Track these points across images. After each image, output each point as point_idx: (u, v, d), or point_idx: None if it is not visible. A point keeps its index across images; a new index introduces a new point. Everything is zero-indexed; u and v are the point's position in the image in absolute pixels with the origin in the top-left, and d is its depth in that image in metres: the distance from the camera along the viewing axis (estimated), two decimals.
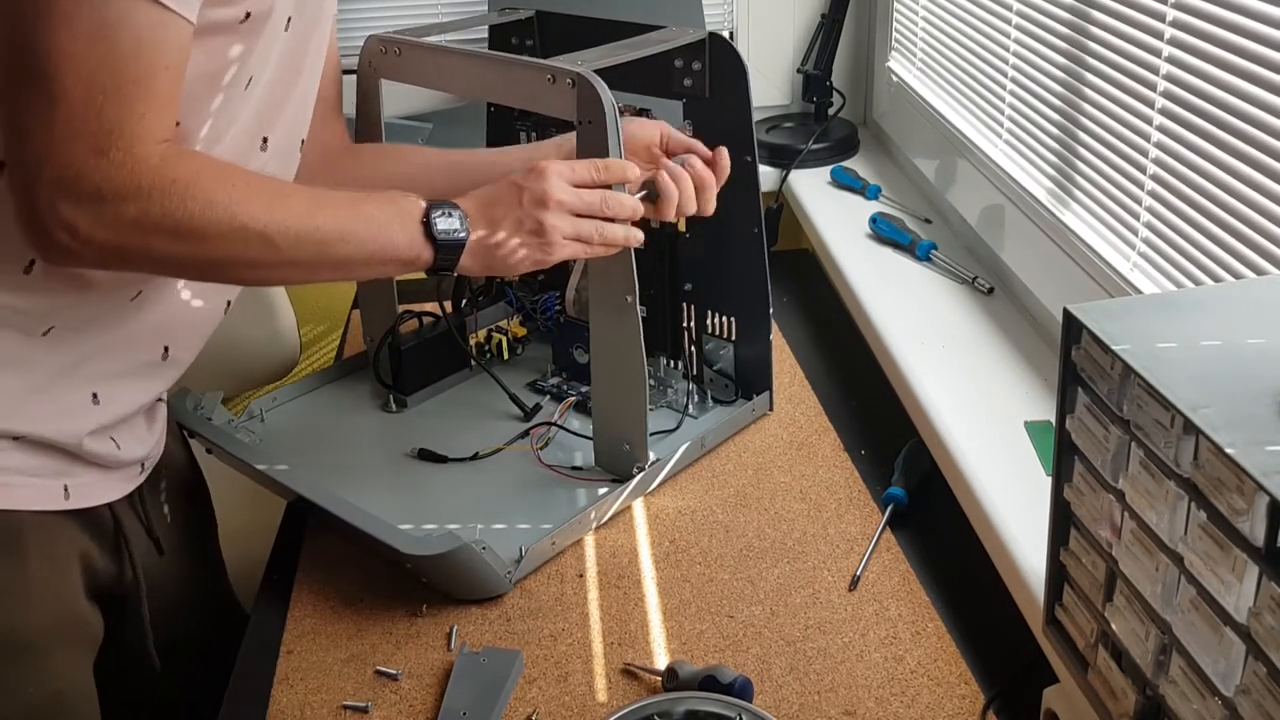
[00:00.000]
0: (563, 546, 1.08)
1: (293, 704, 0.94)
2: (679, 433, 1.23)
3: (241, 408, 1.31)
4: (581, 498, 1.13)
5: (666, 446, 1.18)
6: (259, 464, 1.12)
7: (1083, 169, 1.15)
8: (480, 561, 0.98)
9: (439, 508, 1.12)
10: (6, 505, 0.88)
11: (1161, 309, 0.71)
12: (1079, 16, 1.12)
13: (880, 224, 1.51)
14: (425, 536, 0.99)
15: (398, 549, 0.98)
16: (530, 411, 1.25)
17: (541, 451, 1.20)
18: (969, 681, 0.92)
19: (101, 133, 0.75)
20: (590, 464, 1.17)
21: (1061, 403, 0.72)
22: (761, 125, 1.81)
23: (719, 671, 0.91)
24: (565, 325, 1.31)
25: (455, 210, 0.93)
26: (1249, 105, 0.86)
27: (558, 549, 1.08)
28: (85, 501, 0.94)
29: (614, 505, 1.12)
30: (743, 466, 1.20)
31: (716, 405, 1.28)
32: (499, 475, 1.17)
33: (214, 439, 1.16)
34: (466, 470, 1.18)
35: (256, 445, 1.20)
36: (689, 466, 1.20)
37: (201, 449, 1.20)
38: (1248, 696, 0.58)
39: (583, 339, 1.22)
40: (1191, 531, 0.61)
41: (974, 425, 1.11)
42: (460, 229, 0.92)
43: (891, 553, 1.07)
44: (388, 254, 0.91)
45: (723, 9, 1.80)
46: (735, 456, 1.22)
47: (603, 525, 1.12)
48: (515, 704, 0.93)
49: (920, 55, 1.62)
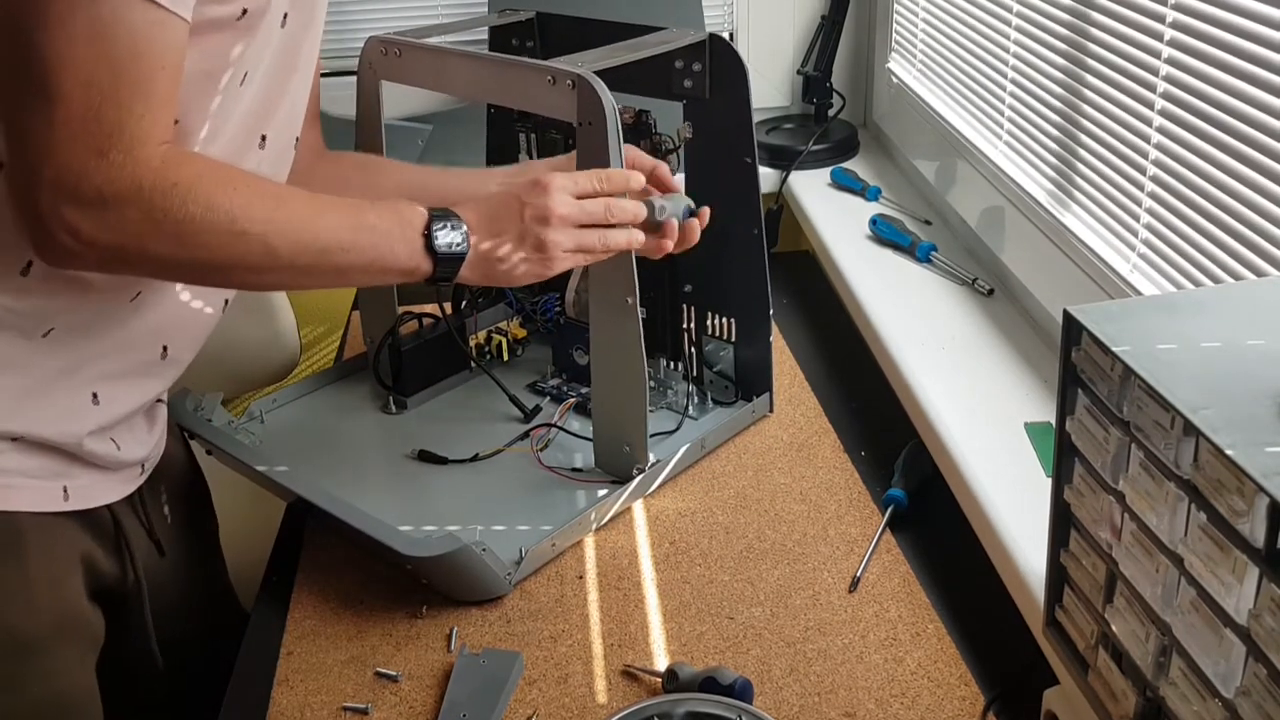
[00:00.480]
0: (563, 548, 1.08)
1: (293, 705, 0.94)
2: (679, 434, 1.23)
3: (241, 409, 1.31)
4: (581, 499, 1.13)
5: (666, 448, 1.18)
6: (259, 465, 1.12)
7: (1083, 170, 1.15)
8: (480, 563, 0.98)
9: (439, 509, 1.12)
10: (6, 507, 0.88)
11: (1161, 310, 0.71)
12: (1079, 18, 1.12)
13: (880, 225, 1.51)
14: (425, 538, 0.99)
15: (398, 550, 0.98)
16: (530, 413, 1.25)
17: (542, 453, 1.20)
18: (969, 683, 0.92)
19: (101, 134, 0.75)
20: (590, 465, 1.17)
21: (1061, 404, 0.72)
22: (761, 127, 1.81)
23: (719, 673, 0.91)
24: (565, 327, 1.31)
25: (458, 223, 0.92)
26: (1248, 106, 0.86)
27: (557, 550, 1.08)
28: (85, 503, 0.94)
29: (614, 507, 1.12)
30: (743, 468, 1.20)
31: (716, 407, 1.28)
32: (499, 476, 1.17)
33: (214, 440, 1.16)
34: (467, 471, 1.18)
35: (256, 446, 1.20)
36: (689, 468, 1.20)
37: (201, 450, 1.20)
38: (1248, 698, 0.58)
39: (583, 341, 1.22)
40: (1191, 533, 0.61)
41: (974, 427, 1.11)
42: (461, 242, 0.92)
43: (891, 554, 1.07)
44: (387, 264, 0.90)
45: (723, 10, 1.80)
46: (735, 458, 1.22)
47: (602, 526, 1.12)
48: (515, 705, 0.93)
49: (920, 57, 1.62)
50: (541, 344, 1.39)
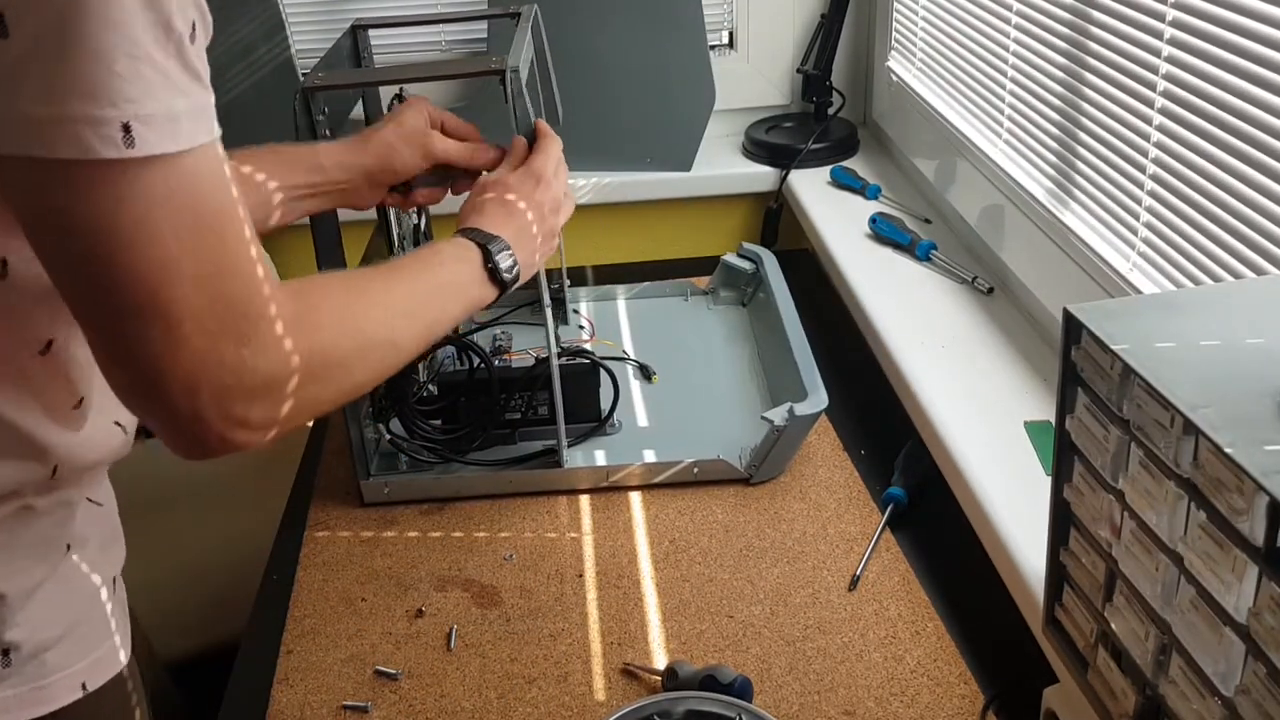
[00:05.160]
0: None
1: (293, 704, 0.94)
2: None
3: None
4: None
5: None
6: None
7: (1082, 169, 1.15)
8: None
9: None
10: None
11: (1161, 309, 0.71)
12: (1079, 17, 1.12)
13: (880, 224, 1.51)
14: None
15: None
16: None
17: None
18: (969, 681, 0.92)
19: (234, 320, 0.63)
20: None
21: (1061, 403, 0.72)
22: (761, 125, 1.81)
23: (719, 671, 0.91)
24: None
25: (502, 243, 0.90)
26: (1248, 105, 0.86)
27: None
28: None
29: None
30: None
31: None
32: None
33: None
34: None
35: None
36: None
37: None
38: (1247, 696, 0.58)
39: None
40: (1191, 531, 0.60)
41: (974, 425, 1.11)
42: (515, 264, 0.91)
43: (891, 552, 1.07)
44: (470, 309, 0.88)
45: (723, 9, 1.80)
46: None
47: (601, 526, 1.12)
48: (515, 704, 0.93)
49: (920, 55, 1.62)
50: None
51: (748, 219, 1.81)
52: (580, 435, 1.23)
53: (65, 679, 0.75)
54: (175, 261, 0.60)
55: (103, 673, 0.78)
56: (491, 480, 1.19)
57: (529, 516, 1.16)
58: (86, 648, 0.77)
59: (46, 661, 0.74)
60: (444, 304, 0.84)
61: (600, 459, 1.20)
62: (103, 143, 0.55)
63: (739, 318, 1.49)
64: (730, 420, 1.25)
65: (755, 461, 1.16)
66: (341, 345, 0.71)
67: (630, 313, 1.52)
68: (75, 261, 0.59)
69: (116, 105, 0.55)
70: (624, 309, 1.53)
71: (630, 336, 1.45)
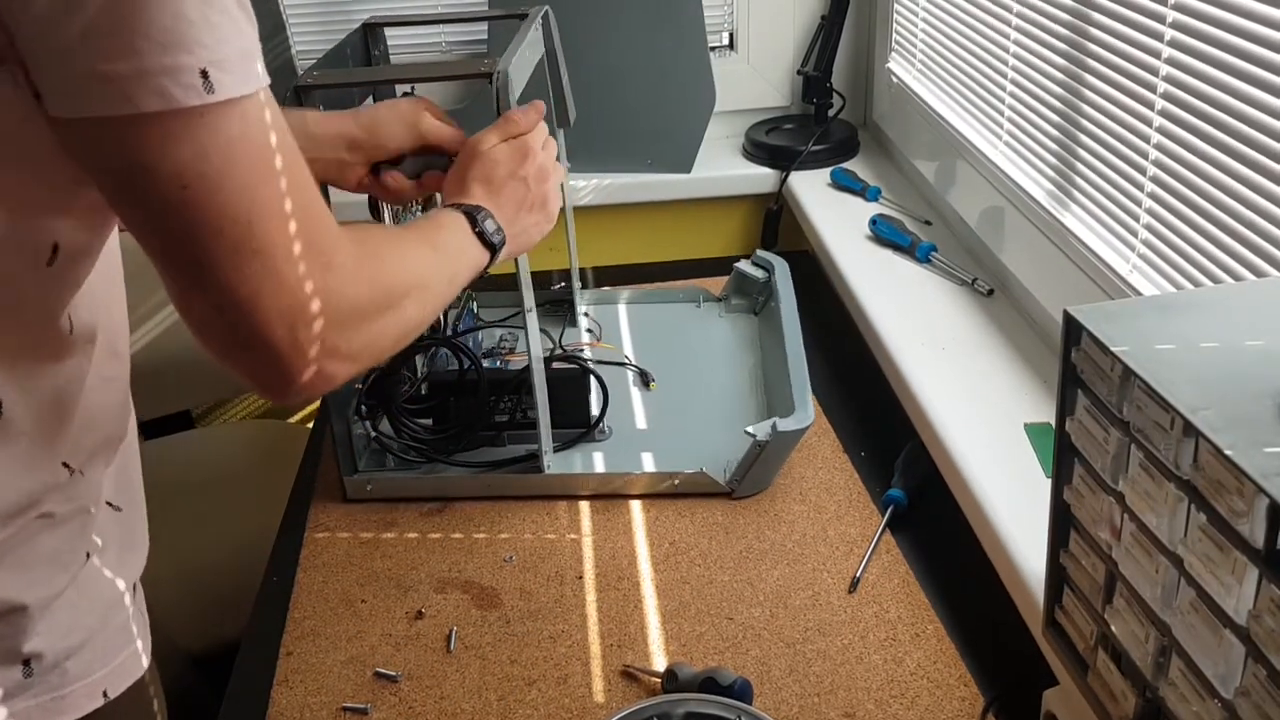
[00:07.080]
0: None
1: (292, 705, 0.94)
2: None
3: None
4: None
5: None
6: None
7: (1082, 171, 1.15)
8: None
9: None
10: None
11: (1161, 311, 0.71)
12: (1079, 18, 1.12)
13: (880, 225, 1.51)
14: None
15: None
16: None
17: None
18: (969, 683, 0.92)
19: (316, 248, 0.65)
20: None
21: (1061, 404, 0.72)
22: (761, 127, 1.82)
23: (718, 673, 0.91)
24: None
25: (481, 208, 0.91)
26: (1248, 107, 0.86)
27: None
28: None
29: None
30: None
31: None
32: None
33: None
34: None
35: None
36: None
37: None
38: (1247, 699, 0.58)
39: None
40: (1191, 533, 0.60)
41: (974, 427, 1.11)
42: (497, 227, 0.91)
43: (891, 554, 1.07)
44: (473, 271, 0.89)
45: (723, 10, 1.80)
46: None
47: (601, 529, 1.12)
48: (515, 706, 0.93)
49: (920, 57, 1.62)
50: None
51: (748, 221, 1.81)
52: (567, 441, 1.22)
53: (86, 687, 0.75)
54: (264, 198, 0.61)
55: (124, 679, 0.78)
56: (475, 483, 1.18)
57: (528, 518, 1.16)
58: (108, 655, 0.77)
59: (68, 670, 0.74)
60: (455, 259, 0.87)
61: (584, 466, 1.20)
62: (185, 91, 0.56)
63: (749, 326, 1.47)
64: (722, 432, 1.23)
65: (737, 476, 1.15)
66: (400, 277, 0.74)
67: (640, 318, 1.51)
68: (167, 210, 0.59)
69: (193, 52, 0.55)
70: (635, 314, 1.51)
71: (637, 342, 1.44)
